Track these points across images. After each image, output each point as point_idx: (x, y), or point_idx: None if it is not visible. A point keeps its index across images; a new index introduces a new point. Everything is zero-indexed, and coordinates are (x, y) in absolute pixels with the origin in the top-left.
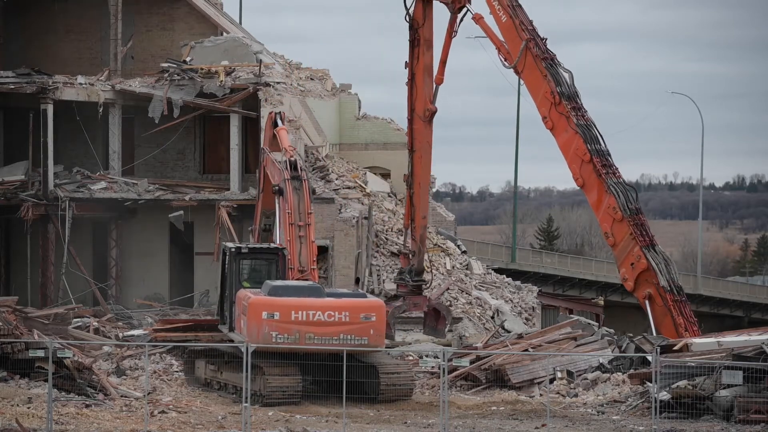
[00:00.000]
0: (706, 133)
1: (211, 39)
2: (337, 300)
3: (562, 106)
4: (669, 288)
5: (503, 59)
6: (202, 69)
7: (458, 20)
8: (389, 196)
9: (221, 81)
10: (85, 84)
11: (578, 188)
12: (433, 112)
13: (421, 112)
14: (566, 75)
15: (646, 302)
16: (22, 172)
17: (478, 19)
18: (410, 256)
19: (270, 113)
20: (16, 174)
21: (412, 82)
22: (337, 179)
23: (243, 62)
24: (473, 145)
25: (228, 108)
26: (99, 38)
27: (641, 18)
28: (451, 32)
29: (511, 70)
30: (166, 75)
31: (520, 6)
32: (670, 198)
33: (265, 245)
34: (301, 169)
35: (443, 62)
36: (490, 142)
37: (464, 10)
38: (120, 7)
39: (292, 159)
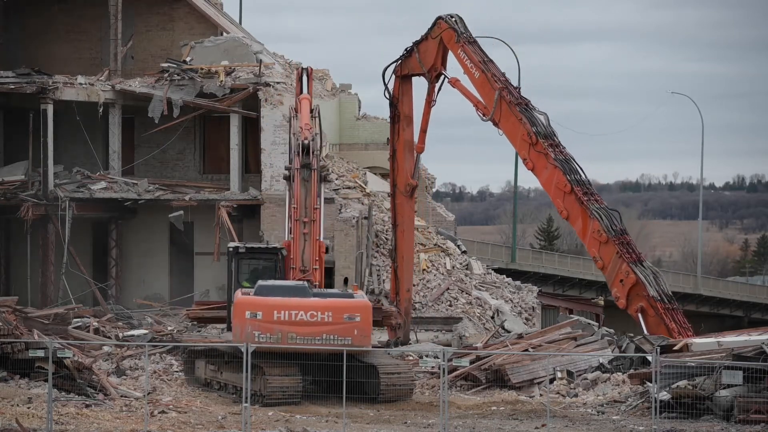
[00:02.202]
0: (706, 133)
1: (211, 39)
2: (321, 300)
3: (540, 144)
4: (659, 297)
5: (481, 114)
6: (202, 69)
7: (436, 89)
8: (389, 196)
9: (221, 81)
10: (85, 84)
11: None
12: (414, 187)
13: (403, 187)
14: (541, 117)
15: (639, 315)
16: (22, 172)
17: (454, 82)
18: (396, 329)
19: (297, 69)
20: (16, 174)
21: (393, 158)
22: (337, 179)
23: (243, 62)
24: (473, 145)
25: (228, 108)
26: (99, 38)
27: (641, 18)
28: (429, 101)
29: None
30: (166, 75)
31: (491, 61)
32: (670, 198)
33: (263, 245)
34: (312, 154)
35: (423, 131)
36: (490, 142)
37: (441, 77)
38: (120, 7)
39: (306, 142)
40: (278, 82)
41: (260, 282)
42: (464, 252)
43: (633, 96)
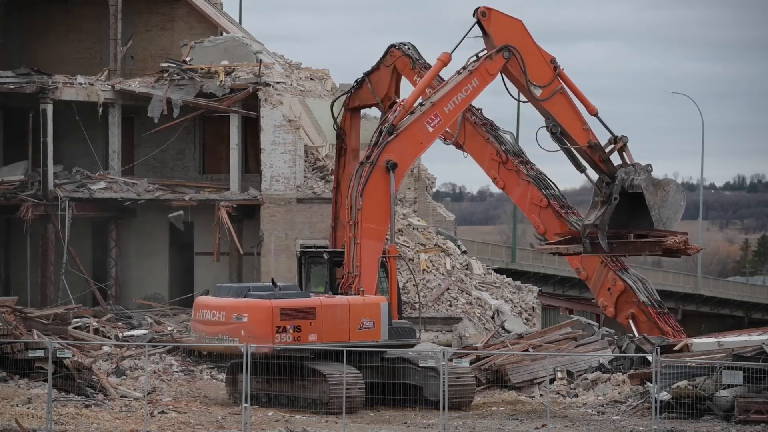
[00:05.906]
0: (706, 133)
1: (211, 39)
2: (221, 300)
3: (510, 162)
4: (650, 302)
5: (443, 139)
6: (201, 69)
7: None
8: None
9: (221, 81)
10: (85, 84)
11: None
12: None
13: (345, 220)
14: (507, 136)
15: (630, 322)
16: (22, 172)
17: None
18: None
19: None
20: (16, 174)
21: (336, 190)
22: None
23: (243, 62)
24: None
25: (228, 108)
26: (99, 38)
27: (640, 17)
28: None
29: (458, 143)
30: (166, 75)
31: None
32: None
33: (309, 247)
34: (377, 145)
35: None
36: None
37: (395, 106)
38: (120, 7)
39: (385, 125)
40: (278, 82)
41: (218, 284)
42: (464, 252)
43: (633, 96)
